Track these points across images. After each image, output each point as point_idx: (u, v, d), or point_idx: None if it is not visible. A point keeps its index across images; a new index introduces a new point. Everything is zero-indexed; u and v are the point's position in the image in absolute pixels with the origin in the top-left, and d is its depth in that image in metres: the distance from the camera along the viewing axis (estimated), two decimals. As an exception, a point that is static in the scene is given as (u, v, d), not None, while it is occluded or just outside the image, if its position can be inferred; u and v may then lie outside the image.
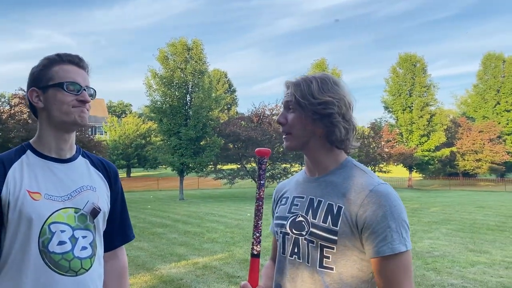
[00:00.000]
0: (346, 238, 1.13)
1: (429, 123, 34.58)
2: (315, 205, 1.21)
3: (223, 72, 54.82)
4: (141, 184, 35.41)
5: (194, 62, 23.01)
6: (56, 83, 1.32)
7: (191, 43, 23.33)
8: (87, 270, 1.33)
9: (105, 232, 1.45)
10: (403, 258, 1.11)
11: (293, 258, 1.22)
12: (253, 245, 1.27)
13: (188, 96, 23.24)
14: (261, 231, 1.27)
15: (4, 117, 18.31)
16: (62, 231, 1.29)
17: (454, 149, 35.97)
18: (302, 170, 1.39)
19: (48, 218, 1.28)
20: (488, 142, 35.41)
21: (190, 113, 22.76)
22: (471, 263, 6.51)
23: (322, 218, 1.17)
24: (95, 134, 45.96)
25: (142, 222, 11.76)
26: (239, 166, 25.22)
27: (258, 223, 1.27)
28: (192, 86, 23.17)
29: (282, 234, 1.27)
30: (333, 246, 1.14)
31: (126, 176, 45.56)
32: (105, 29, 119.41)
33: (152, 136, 44.07)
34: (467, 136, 36.18)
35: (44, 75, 1.34)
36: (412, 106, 35.02)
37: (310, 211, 1.21)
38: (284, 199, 1.34)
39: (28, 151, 1.36)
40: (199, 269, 6.27)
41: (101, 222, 1.42)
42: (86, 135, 20.93)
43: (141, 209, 15.79)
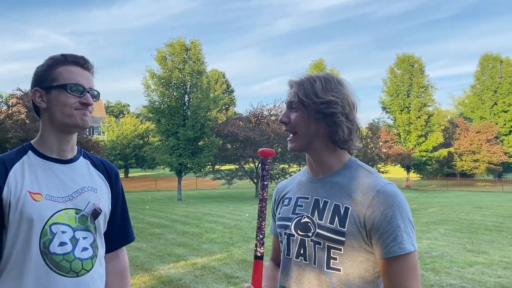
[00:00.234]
0: (353, 239, 1.12)
1: (426, 124, 34.68)
2: (321, 206, 1.19)
3: (221, 72, 54.81)
4: (139, 184, 35.37)
5: (192, 63, 23.00)
6: (59, 85, 1.32)
7: (189, 44, 23.34)
8: (88, 271, 1.32)
9: (106, 233, 1.44)
10: (412, 258, 1.10)
11: (299, 259, 1.21)
12: (256, 246, 1.24)
13: (186, 96, 23.23)
14: (264, 233, 1.25)
15: (1, 117, 18.26)
16: (63, 232, 1.29)
17: (451, 149, 36.09)
18: (302, 170, 1.36)
19: (49, 219, 1.27)
20: (485, 143, 35.54)
21: (188, 113, 22.75)
22: (470, 263, 6.52)
23: (329, 219, 1.15)
24: (93, 134, 45.82)
25: (141, 222, 11.74)
26: (237, 167, 25.23)
27: (262, 225, 1.24)
28: (190, 87, 23.17)
29: (286, 236, 1.25)
30: (340, 247, 1.13)
31: (124, 176, 45.50)
32: (103, 29, 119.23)
33: (150, 136, 44.02)
34: (465, 136, 36.29)
35: (48, 76, 1.33)
36: (410, 107, 35.11)
37: (316, 212, 1.19)
38: (286, 200, 1.32)
39: (29, 152, 1.35)
40: (198, 269, 6.26)
41: (102, 223, 1.41)
42: (84, 135, 20.91)
43: (139, 209, 15.76)
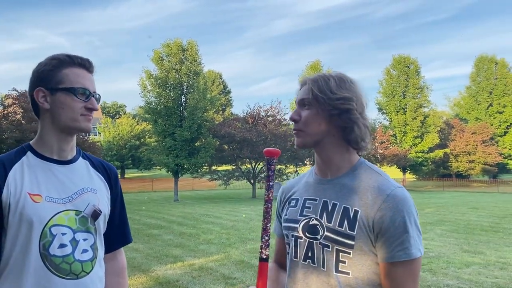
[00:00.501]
0: (363, 243, 1.11)
1: (422, 125, 34.80)
2: (330, 208, 1.16)
3: (218, 73, 54.74)
4: (135, 185, 35.26)
5: (189, 63, 22.97)
6: (66, 88, 1.30)
7: (186, 44, 23.30)
8: (88, 273, 1.31)
9: (104, 234, 1.43)
10: (416, 264, 1.09)
11: (306, 262, 1.18)
12: (261, 248, 1.21)
13: (183, 97, 23.20)
14: (270, 234, 1.23)
15: (-3, 117, 18.15)
16: (63, 234, 1.27)
17: (447, 150, 36.22)
18: (309, 170, 1.33)
19: (49, 221, 1.26)
20: (481, 144, 35.69)
21: (185, 114, 22.70)
22: (466, 264, 6.54)
23: (338, 222, 1.13)
24: (89, 135, 45.68)
25: (137, 223, 11.70)
26: (234, 167, 25.20)
27: (267, 226, 1.22)
28: (187, 87, 23.13)
29: (294, 238, 1.22)
30: (349, 251, 1.11)
31: (120, 177, 44.85)
32: (99, 29, 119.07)
33: (146, 137, 43.93)
34: (460, 137, 36.44)
35: (53, 76, 1.30)
36: (405, 108, 35.22)
37: (325, 215, 1.16)
38: (293, 201, 1.29)
39: (28, 153, 1.33)
40: (195, 270, 6.24)
41: (101, 224, 1.40)
42: (80, 136, 20.80)
43: (135, 210, 15.71)
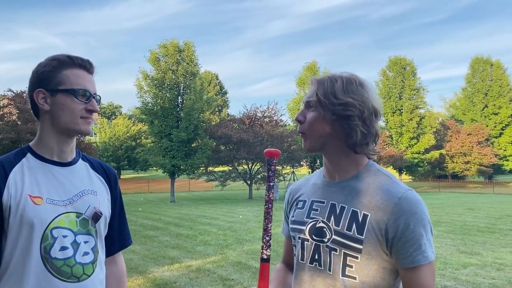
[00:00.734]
0: (371, 247, 1.09)
1: (418, 126, 34.96)
2: (338, 211, 1.15)
3: (214, 74, 54.69)
4: (131, 186, 35.14)
5: (185, 64, 22.94)
6: (67, 89, 1.29)
7: (183, 45, 23.27)
8: (89, 276, 1.30)
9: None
10: (433, 266, 1.09)
11: (313, 265, 1.17)
12: (262, 249, 1.21)
13: (179, 98, 23.16)
14: (271, 235, 1.22)
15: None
16: (64, 236, 1.26)
17: (443, 151, 36.40)
18: (317, 172, 1.33)
19: (50, 223, 1.24)
20: (476, 145, 35.89)
21: (182, 115, 22.66)
22: (463, 265, 6.56)
23: (346, 226, 1.12)
24: (85, 136, 45.53)
25: (134, 224, 11.65)
26: (231, 168, 25.17)
27: (268, 226, 1.22)
28: (183, 88, 23.09)
29: (300, 240, 1.21)
30: (357, 255, 1.10)
31: (116, 178, 45.16)
32: (95, 29, 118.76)
33: (142, 138, 43.82)
34: (456, 138, 36.62)
35: (53, 77, 1.29)
36: (401, 109, 35.36)
37: (332, 217, 1.15)
38: (300, 203, 1.28)
39: (28, 154, 1.32)
40: (193, 272, 6.22)
41: (102, 226, 1.39)
42: (76, 137, 20.72)
43: (132, 211, 15.65)
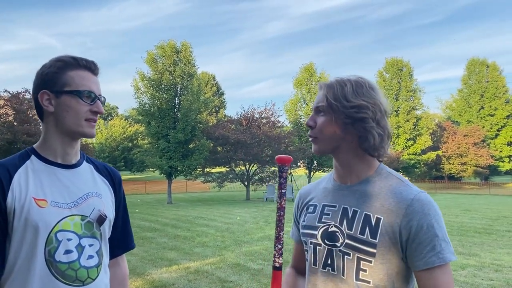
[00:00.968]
0: (385, 251, 1.08)
1: (415, 127, 35.05)
2: (350, 215, 1.15)
3: (211, 75, 54.65)
4: (128, 187, 35.01)
5: (183, 65, 22.88)
6: (72, 90, 1.27)
7: (180, 46, 23.23)
8: (94, 280, 1.29)
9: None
10: (450, 268, 1.08)
11: (326, 270, 1.17)
12: (275, 257, 1.20)
13: (176, 98, 23.09)
14: (283, 243, 1.21)
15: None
16: (69, 240, 1.25)
17: (439, 152, 36.51)
18: (327, 175, 1.32)
19: (54, 226, 1.23)
20: (472, 146, 36.02)
21: (179, 116, 22.59)
22: (461, 266, 6.57)
23: (359, 230, 1.11)
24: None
25: (131, 226, 11.59)
26: (228, 169, 25.14)
27: (280, 234, 1.21)
28: (180, 89, 23.03)
29: (312, 245, 1.21)
30: (370, 259, 1.09)
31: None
32: (92, 30, 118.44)
33: (139, 139, 43.71)
34: (452, 140, 36.75)
35: (58, 79, 1.28)
36: (398, 110, 35.44)
37: (345, 222, 1.15)
38: (311, 207, 1.27)
39: (32, 157, 1.31)
40: (191, 273, 6.20)
41: (107, 229, 1.38)
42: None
43: (129, 213, 15.57)
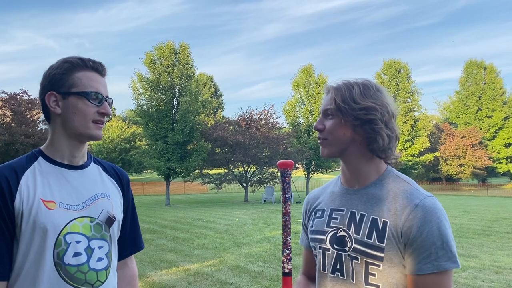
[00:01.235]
0: (392, 255, 1.08)
1: (413, 129, 35.13)
2: (358, 219, 1.14)
3: (209, 76, 54.64)
4: (125, 188, 34.94)
5: (181, 66, 22.86)
6: (79, 92, 1.26)
7: (178, 47, 23.21)
8: (103, 283, 1.27)
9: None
10: (446, 277, 1.05)
11: (335, 275, 1.16)
12: (283, 263, 1.20)
13: (175, 100, 23.06)
14: (291, 248, 1.21)
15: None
16: (78, 242, 1.23)
17: (437, 154, 36.61)
18: (334, 179, 1.32)
19: (63, 229, 1.21)
20: (470, 148, 36.13)
21: (177, 117, 22.55)
22: (462, 268, 6.56)
23: (366, 234, 1.11)
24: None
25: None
26: (227, 171, 25.11)
27: (287, 240, 1.20)
28: (179, 90, 23.00)
29: (321, 250, 1.20)
30: (379, 264, 1.09)
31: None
32: (89, 31, 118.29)
33: (136, 140, 43.59)
34: (450, 141, 36.86)
35: (65, 80, 1.26)
36: (396, 112, 35.52)
37: (353, 226, 1.14)
38: (319, 212, 1.26)
39: (39, 158, 1.29)
40: (191, 275, 6.17)
41: (116, 231, 1.36)
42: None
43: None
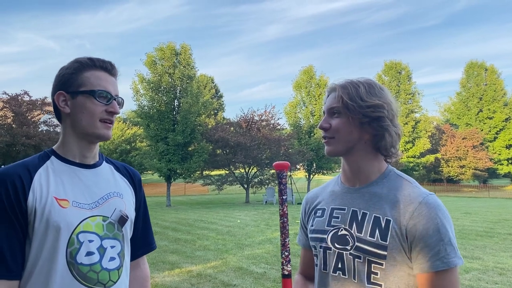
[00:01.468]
0: (396, 253, 1.08)
1: (414, 130, 35.14)
2: (360, 218, 1.14)
3: (210, 77, 54.67)
4: (126, 190, 34.95)
5: (182, 67, 22.87)
6: (87, 90, 1.26)
7: (180, 48, 23.22)
8: (115, 282, 1.26)
9: None
10: (455, 273, 1.06)
11: (336, 274, 1.15)
12: (283, 265, 1.20)
13: (176, 101, 23.06)
14: (289, 250, 1.20)
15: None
16: (90, 241, 1.22)
17: (438, 155, 36.58)
18: (334, 178, 1.32)
19: (76, 227, 1.20)
20: (471, 149, 36.11)
21: (178, 118, 22.54)
22: (465, 270, 6.54)
23: (369, 232, 1.11)
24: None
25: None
26: (228, 172, 25.09)
27: (286, 241, 1.20)
28: (180, 91, 23.00)
29: (322, 249, 1.20)
30: (382, 262, 1.09)
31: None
32: (90, 32, 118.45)
33: (137, 141, 43.59)
34: (451, 142, 36.83)
35: (74, 80, 1.26)
36: (397, 113, 35.53)
37: (354, 224, 1.14)
38: (319, 211, 1.26)
39: (52, 157, 1.29)
40: (194, 277, 6.15)
41: (128, 230, 1.36)
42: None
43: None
